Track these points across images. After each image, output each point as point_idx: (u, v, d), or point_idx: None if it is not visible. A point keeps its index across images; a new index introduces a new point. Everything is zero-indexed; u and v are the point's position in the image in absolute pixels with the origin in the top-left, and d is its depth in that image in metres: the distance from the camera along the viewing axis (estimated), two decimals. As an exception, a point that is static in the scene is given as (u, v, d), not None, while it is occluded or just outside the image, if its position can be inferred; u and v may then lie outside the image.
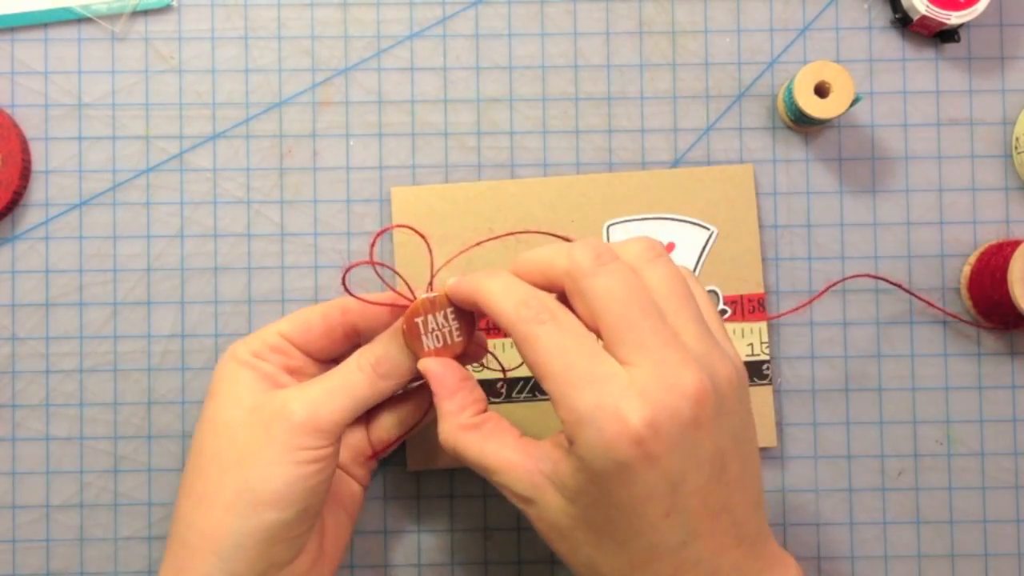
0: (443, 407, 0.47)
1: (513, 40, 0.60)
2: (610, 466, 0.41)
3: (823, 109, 0.56)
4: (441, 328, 0.48)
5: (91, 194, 0.59)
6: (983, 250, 0.59)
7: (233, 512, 0.46)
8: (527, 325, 0.43)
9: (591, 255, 0.43)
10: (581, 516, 0.43)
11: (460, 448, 0.46)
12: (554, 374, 0.42)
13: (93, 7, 0.59)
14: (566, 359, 0.42)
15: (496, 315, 0.44)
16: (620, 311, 0.42)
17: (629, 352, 0.42)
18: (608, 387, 0.41)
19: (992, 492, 0.59)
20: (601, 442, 0.40)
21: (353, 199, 0.60)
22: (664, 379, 0.41)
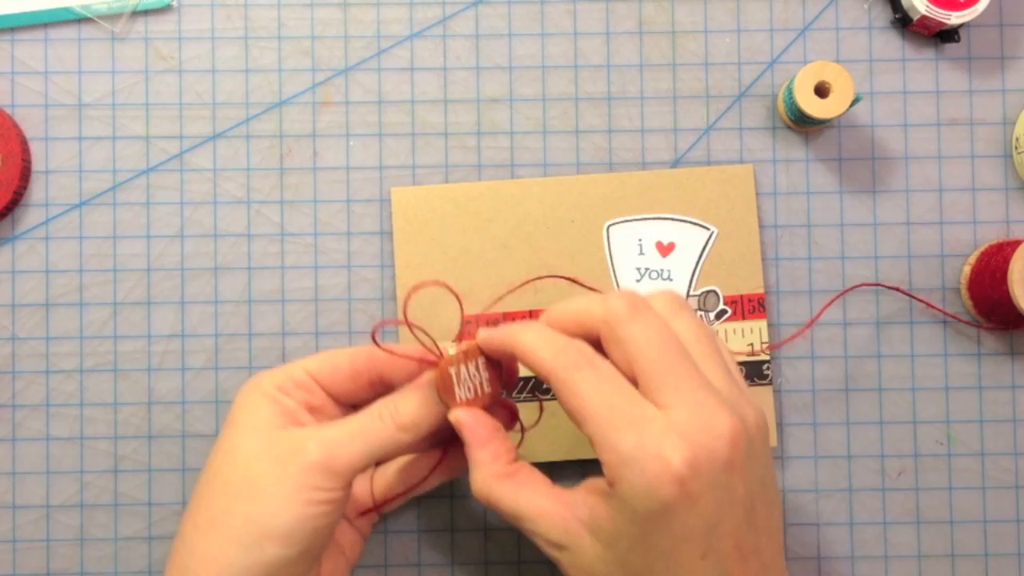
0: (476, 457, 0.47)
1: (513, 40, 0.60)
2: (652, 506, 0.42)
3: (823, 109, 0.56)
4: (472, 379, 0.49)
5: (91, 194, 0.59)
6: (983, 250, 0.59)
7: (238, 542, 0.46)
8: (566, 371, 0.44)
9: (626, 304, 0.45)
10: (618, 561, 0.44)
11: (494, 497, 0.46)
12: (595, 418, 0.43)
13: (93, 7, 0.59)
14: (606, 403, 0.43)
15: (533, 364, 0.45)
16: (656, 356, 0.44)
17: (666, 395, 0.43)
18: (648, 429, 0.42)
19: (992, 492, 0.59)
20: (644, 482, 0.42)
21: (353, 199, 0.60)
22: (701, 421, 0.42)
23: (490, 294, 0.58)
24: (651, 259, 0.58)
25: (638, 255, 0.58)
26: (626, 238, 0.58)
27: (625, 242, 0.58)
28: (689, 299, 0.58)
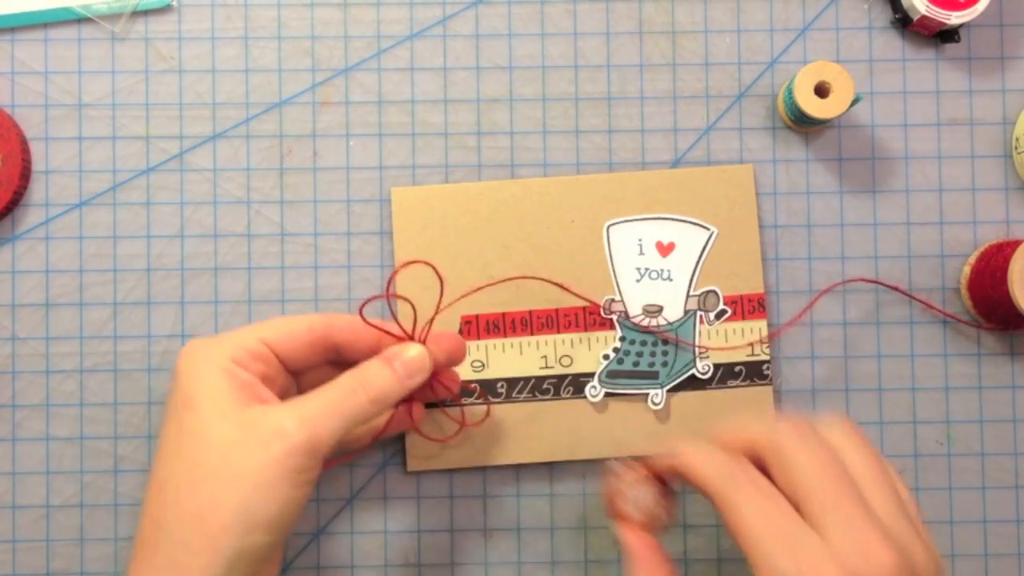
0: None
1: (513, 40, 0.60)
2: None
3: (823, 109, 0.56)
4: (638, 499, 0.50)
5: (91, 194, 0.59)
6: (983, 250, 0.59)
7: (230, 533, 0.46)
8: (730, 490, 0.44)
9: (795, 431, 0.46)
10: None
11: None
12: (756, 537, 0.43)
13: (93, 7, 0.59)
14: (768, 523, 0.43)
15: (699, 480, 0.46)
16: (820, 483, 0.44)
17: (828, 523, 0.43)
18: (809, 554, 0.42)
19: (992, 492, 0.59)
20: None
21: (353, 199, 0.60)
22: (862, 552, 0.42)
23: (489, 294, 0.58)
24: (651, 259, 0.58)
25: (638, 255, 0.58)
26: (626, 238, 0.58)
27: (625, 242, 0.58)
28: (689, 299, 0.58)
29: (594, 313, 0.58)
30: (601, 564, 0.59)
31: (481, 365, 0.58)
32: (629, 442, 0.58)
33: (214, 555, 0.46)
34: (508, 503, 0.59)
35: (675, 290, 0.58)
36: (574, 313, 0.58)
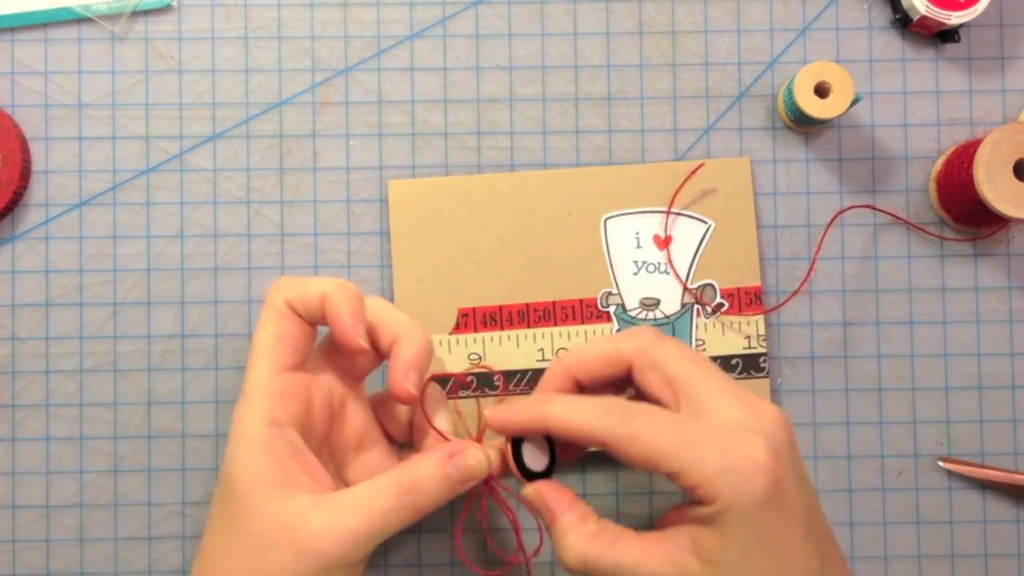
0: (564, 521, 0.47)
1: (513, 40, 0.60)
2: (756, 502, 0.43)
3: (823, 109, 0.56)
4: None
5: (91, 194, 0.59)
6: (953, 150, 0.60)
7: None
8: (621, 427, 0.45)
9: (653, 332, 0.49)
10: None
11: (592, 556, 0.46)
12: (671, 451, 0.44)
13: (93, 7, 0.59)
14: (675, 434, 0.44)
15: (579, 433, 0.46)
16: (694, 367, 0.47)
17: (714, 399, 0.46)
18: (722, 437, 0.44)
19: (992, 492, 0.59)
20: (743, 483, 0.43)
21: (353, 199, 0.60)
22: (756, 413, 0.46)
23: (486, 287, 0.58)
24: (648, 252, 0.58)
25: (635, 248, 0.58)
26: (623, 231, 0.58)
27: (622, 235, 0.58)
28: (687, 292, 0.58)
29: (591, 306, 0.58)
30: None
31: (478, 357, 0.58)
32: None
33: None
34: (508, 503, 0.59)
35: (672, 283, 0.58)
36: (571, 306, 0.58)
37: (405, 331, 0.50)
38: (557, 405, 0.47)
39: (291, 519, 0.46)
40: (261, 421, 0.47)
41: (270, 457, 0.47)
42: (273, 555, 0.46)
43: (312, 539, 0.45)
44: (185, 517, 0.59)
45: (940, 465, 0.59)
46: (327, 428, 0.51)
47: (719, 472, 0.43)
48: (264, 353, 0.49)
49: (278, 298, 0.49)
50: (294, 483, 0.47)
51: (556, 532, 0.47)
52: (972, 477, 0.59)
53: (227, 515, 0.47)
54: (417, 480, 0.47)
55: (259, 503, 0.46)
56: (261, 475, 0.46)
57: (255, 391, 0.48)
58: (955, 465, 0.59)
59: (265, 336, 0.49)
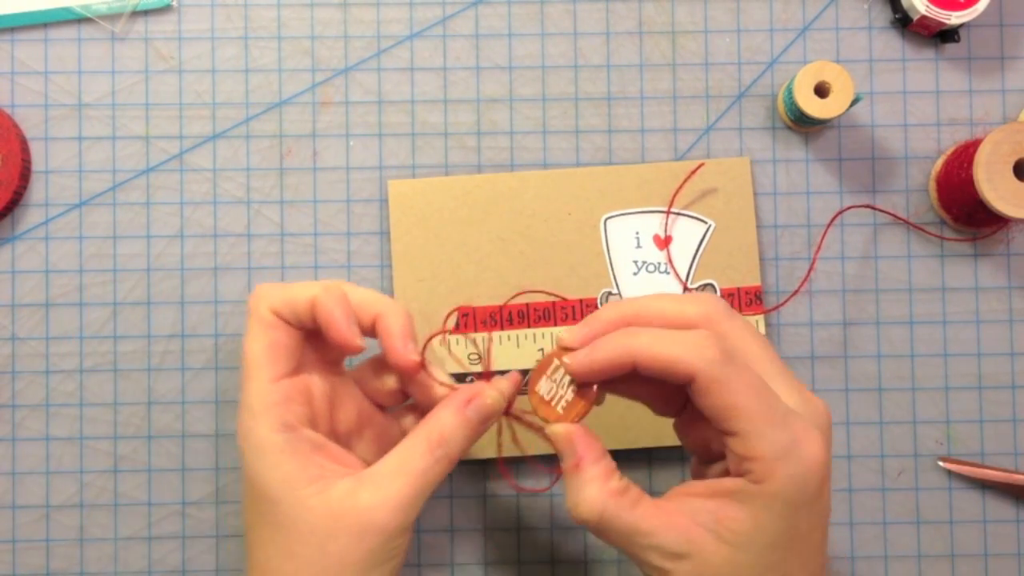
0: (589, 472, 0.46)
1: (513, 40, 0.60)
2: (805, 497, 0.43)
3: (823, 109, 0.56)
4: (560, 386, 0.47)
5: (91, 194, 0.59)
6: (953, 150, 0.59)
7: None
8: (716, 368, 0.43)
9: (723, 304, 0.46)
10: (751, 561, 0.44)
11: (610, 513, 0.45)
12: (752, 413, 0.42)
13: (93, 7, 0.59)
14: (763, 399, 0.43)
15: (670, 365, 0.43)
16: (761, 348, 0.45)
17: (778, 383, 0.45)
18: (795, 423, 0.43)
19: (991, 492, 0.59)
20: (800, 475, 0.43)
21: (353, 199, 0.60)
22: (811, 406, 0.45)
23: (486, 287, 0.58)
24: (649, 252, 0.58)
25: (635, 248, 0.58)
26: (623, 231, 0.58)
27: (623, 235, 0.58)
28: (686, 292, 0.58)
29: (591, 306, 0.58)
30: (601, 564, 0.59)
31: (478, 358, 0.58)
32: (627, 435, 0.58)
33: None
34: (508, 503, 0.59)
35: (672, 283, 0.58)
36: (571, 306, 0.58)
37: (384, 307, 0.49)
38: (645, 338, 0.44)
39: (339, 505, 0.46)
40: (273, 429, 0.47)
41: (296, 459, 0.47)
42: (333, 544, 0.46)
43: (366, 515, 0.46)
44: (185, 517, 0.59)
45: (940, 465, 0.59)
46: (329, 420, 0.51)
47: (782, 456, 0.42)
48: (258, 365, 0.48)
49: (263, 307, 0.49)
50: (328, 474, 0.47)
51: (578, 480, 0.46)
52: (972, 477, 0.59)
53: (272, 523, 0.47)
54: (443, 432, 0.48)
55: (302, 502, 0.46)
56: (293, 477, 0.47)
57: (259, 403, 0.48)
58: (955, 465, 0.59)
59: (256, 347, 0.48)
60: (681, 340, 0.43)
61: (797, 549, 0.44)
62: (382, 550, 0.46)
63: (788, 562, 0.44)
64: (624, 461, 0.59)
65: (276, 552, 0.47)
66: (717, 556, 0.44)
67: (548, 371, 0.47)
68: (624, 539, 0.45)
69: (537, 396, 0.47)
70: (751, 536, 0.43)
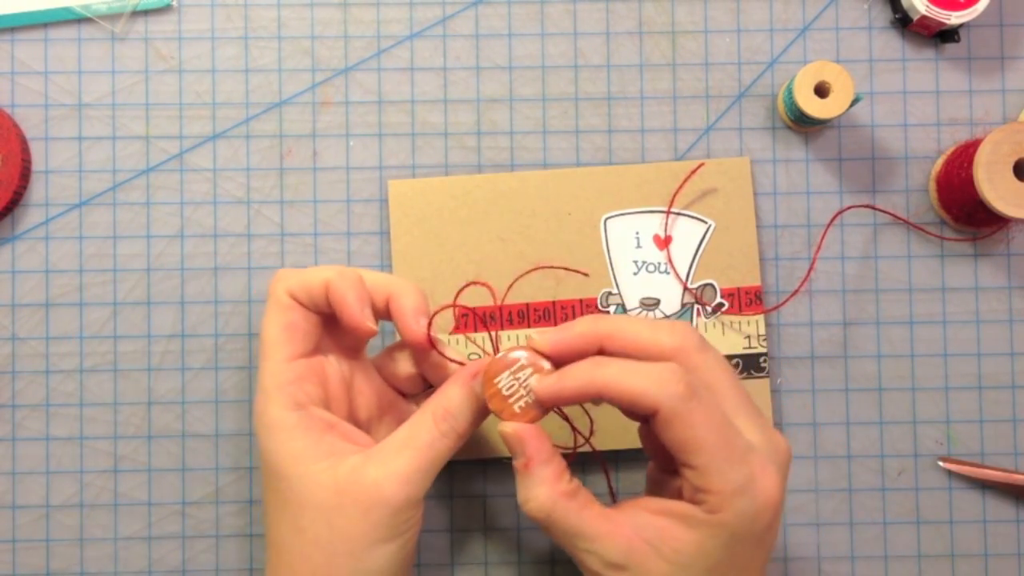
0: (540, 473, 0.46)
1: (513, 40, 0.60)
2: (755, 531, 0.44)
3: (823, 109, 0.56)
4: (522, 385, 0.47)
5: (91, 194, 0.59)
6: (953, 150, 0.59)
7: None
8: (680, 403, 0.43)
9: (697, 336, 0.46)
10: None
11: (557, 514, 0.46)
12: (711, 449, 0.43)
13: (93, 7, 0.59)
14: (722, 435, 0.43)
15: (634, 399, 0.43)
16: (730, 383, 0.46)
17: (742, 419, 0.45)
18: (754, 460, 0.44)
19: (991, 492, 0.59)
20: (752, 511, 0.43)
21: (353, 199, 0.60)
22: (772, 443, 0.46)
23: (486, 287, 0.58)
24: (649, 252, 0.58)
25: (635, 248, 0.58)
26: (623, 231, 0.58)
27: (623, 235, 0.58)
28: (687, 292, 0.58)
29: (591, 306, 0.58)
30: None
31: (478, 358, 0.58)
32: (627, 435, 0.58)
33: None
34: (508, 503, 0.59)
35: (672, 283, 0.58)
36: (571, 305, 0.58)
37: (396, 287, 0.50)
38: (612, 369, 0.44)
39: (347, 479, 0.47)
40: (285, 407, 0.48)
41: (308, 436, 0.48)
42: (340, 519, 0.46)
43: (373, 489, 0.46)
44: (185, 517, 0.59)
45: (940, 465, 0.59)
46: (347, 402, 0.51)
47: (736, 493, 0.43)
48: (274, 345, 0.49)
49: (280, 289, 0.49)
50: (338, 451, 0.48)
51: (527, 479, 0.46)
52: (972, 477, 0.59)
53: (284, 500, 0.48)
54: (449, 406, 0.48)
55: (312, 477, 0.47)
56: (304, 454, 0.47)
57: (271, 383, 0.49)
58: (955, 465, 0.59)
59: (272, 328, 0.49)
60: (647, 374, 0.44)
61: (735, 573, 0.45)
62: (388, 524, 0.46)
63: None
64: (624, 461, 0.59)
65: (287, 528, 0.48)
66: (655, 572, 0.44)
67: (513, 367, 0.47)
68: (568, 540, 0.46)
69: (494, 388, 0.47)
70: (693, 559, 0.44)
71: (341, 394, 0.51)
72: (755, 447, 0.44)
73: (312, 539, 0.47)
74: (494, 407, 0.47)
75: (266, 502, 0.49)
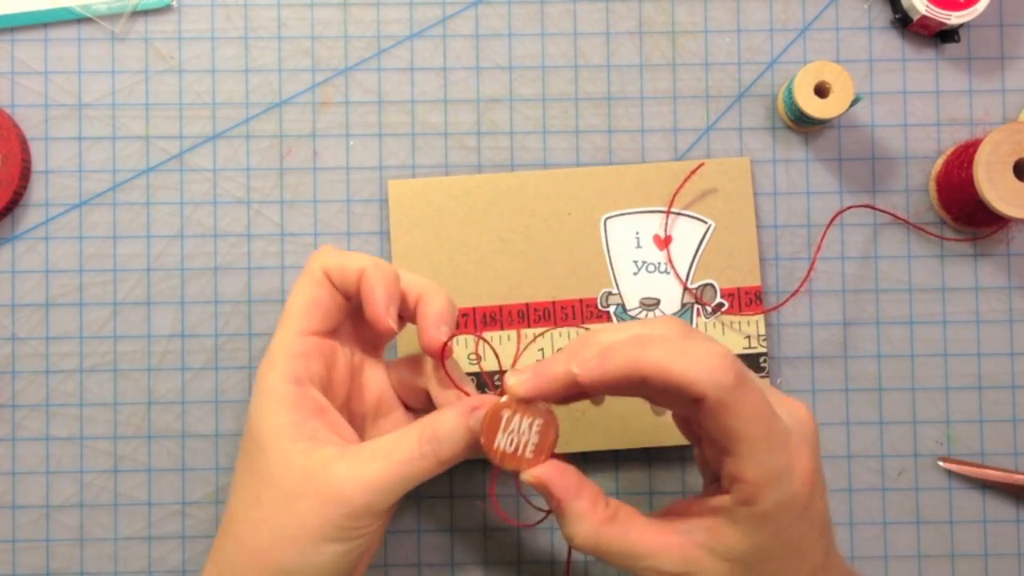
0: (574, 509, 0.45)
1: (513, 40, 0.60)
2: (796, 510, 0.43)
3: (823, 109, 0.56)
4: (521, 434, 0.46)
5: (91, 194, 0.59)
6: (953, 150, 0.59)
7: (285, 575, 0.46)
8: (729, 392, 0.42)
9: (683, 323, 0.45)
10: (748, 573, 0.44)
11: (603, 542, 0.45)
12: (755, 439, 0.42)
13: (93, 7, 0.59)
14: (767, 423, 0.43)
15: (681, 385, 0.42)
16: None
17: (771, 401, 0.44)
18: (789, 443, 0.43)
19: (991, 492, 0.59)
20: (788, 496, 0.43)
21: (353, 199, 0.60)
22: (800, 418, 0.45)
23: (486, 287, 0.58)
24: (649, 252, 0.58)
25: (635, 248, 0.58)
26: (623, 231, 0.58)
27: (622, 235, 0.58)
28: (687, 292, 0.58)
29: (591, 306, 0.58)
30: (602, 564, 0.59)
31: (478, 358, 0.58)
32: (627, 435, 0.58)
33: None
34: (508, 503, 0.59)
35: (672, 283, 0.58)
36: (571, 306, 0.58)
37: (428, 290, 0.50)
38: (658, 351, 0.43)
39: (315, 468, 0.46)
40: (284, 378, 0.48)
41: (295, 413, 0.47)
42: (299, 504, 0.46)
43: (336, 485, 0.46)
44: (185, 517, 0.59)
45: (940, 465, 0.59)
46: (347, 392, 0.51)
47: (770, 483, 0.42)
48: (293, 315, 0.49)
49: (317, 264, 0.49)
50: (319, 437, 0.47)
51: (566, 519, 0.46)
52: (972, 477, 0.59)
53: (253, 469, 0.47)
54: (438, 430, 0.47)
55: (284, 455, 0.46)
56: (286, 429, 0.47)
57: (279, 350, 0.48)
58: (955, 465, 0.59)
59: (297, 300, 0.49)
60: (697, 358, 0.42)
61: (793, 552, 0.44)
62: (340, 525, 0.46)
63: (787, 566, 0.44)
64: (624, 461, 0.59)
65: (247, 498, 0.47)
66: (716, 572, 0.44)
67: (501, 426, 0.46)
68: (622, 562, 0.45)
69: (499, 452, 0.45)
70: (747, 552, 0.44)
71: (343, 382, 0.51)
72: (787, 429, 0.44)
73: (264, 516, 0.47)
74: (510, 468, 0.46)
75: (237, 465, 0.49)
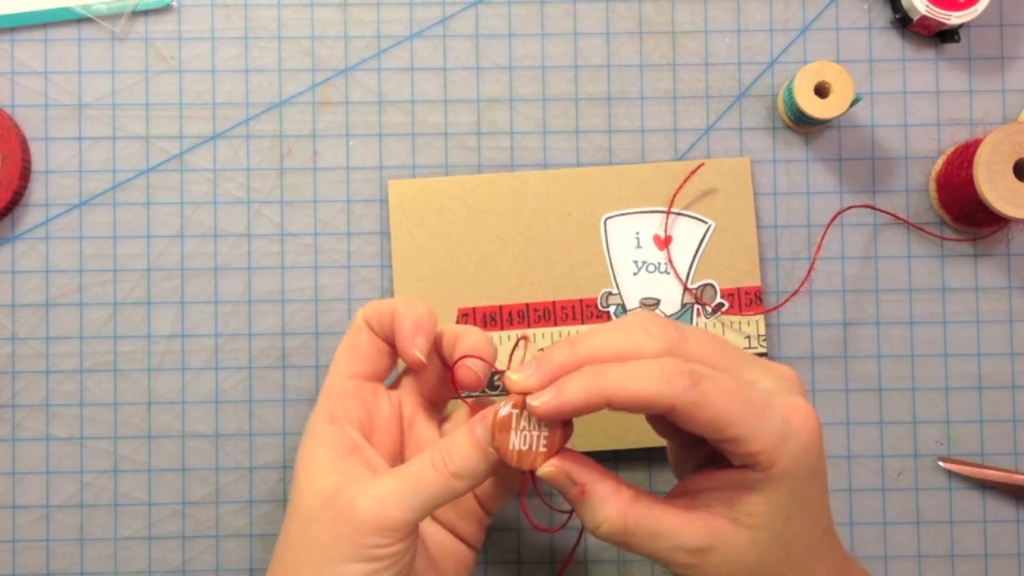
0: (600, 492, 0.45)
1: (513, 40, 0.60)
2: (812, 466, 0.44)
3: (823, 109, 0.56)
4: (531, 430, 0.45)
5: (91, 194, 0.59)
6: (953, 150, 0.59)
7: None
8: (691, 391, 0.42)
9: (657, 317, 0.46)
10: (772, 538, 0.44)
11: (631, 524, 0.45)
12: (738, 417, 0.43)
13: (93, 7, 0.59)
14: (742, 399, 0.43)
15: (645, 401, 0.43)
16: (717, 344, 0.46)
17: (748, 372, 0.45)
18: (779, 404, 0.44)
19: (991, 492, 0.59)
20: (803, 447, 0.44)
21: (353, 199, 0.60)
22: (786, 379, 0.46)
23: (486, 287, 0.58)
24: (649, 252, 0.58)
25: (635, 248, 0.58)
26: (624, 231, 0.58)
27: (623, 235, 0.58)
28: (687, 292, 0.58)
29: (591, 306, 0.58)
30: (602, 564, 0.59)
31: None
32: (627, 435, 0.58)
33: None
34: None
35: (672, 283, 0.58)
36: (571, 306, 0.58)
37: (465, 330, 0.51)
38: (614, 376, 0.43)
39: (334, 492, 0.47)
40: (321, 418, 0.49)
41: (329, 450, 0.48)
42: (314, 526, 0.46)
43: (347, 501, 0.46)
44: (185, 517, 0.59)
45: (940, 465, 0.59)
46: (396, 443, 0.52)
47: (781, 440, 0.43)
48: (335, 361, 0.51)
49: (358, 314, 0.51)
50: (351, 473, 0.48)
51: (590, 504, 0.45)
52: (972, 477, 0.59)
53: (292, 502, 0.49)
54: (448, 443, 0.47)
55: (312, 486, 0.48)
56: (320, 464, 0.48)
57: (324, 392, 0.51)
58: (955, 465, 0.59)
59: (340, 347, 0.51)
60: (650, 373, 0.43)
61: (810, 511, 0.45)
62: (353, 540, 0.45)
63: (806, 527, 0.45)
64: (624, 461, 0.59)
65: (282, 532, 0.49)
66: (740, 541, 0.44)
67: (512, 424, 0.45)
68: (648, 544, 0.45)
69: (515, 453, 0.45)
70: (770, 516, 0.44)
71: (391, 429, 0.51)
72: (769, 392, 0.44)
73: (292, 542, 0.47)
74: (526, 466, 0.45)
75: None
